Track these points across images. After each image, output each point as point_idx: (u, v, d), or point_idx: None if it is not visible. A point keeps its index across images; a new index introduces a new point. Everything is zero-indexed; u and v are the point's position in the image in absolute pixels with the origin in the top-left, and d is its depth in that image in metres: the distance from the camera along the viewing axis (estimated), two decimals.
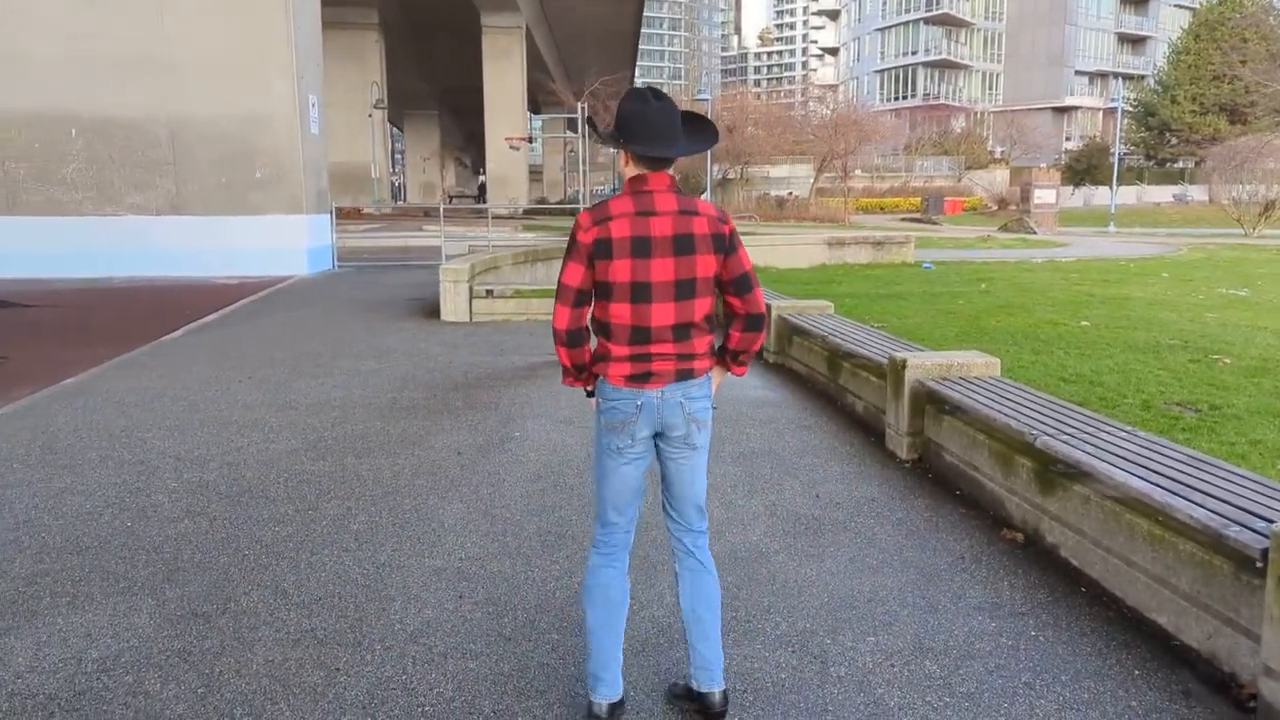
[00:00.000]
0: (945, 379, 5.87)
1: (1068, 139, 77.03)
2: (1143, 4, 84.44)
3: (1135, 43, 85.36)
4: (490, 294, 12.33)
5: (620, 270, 2.81)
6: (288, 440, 6.41)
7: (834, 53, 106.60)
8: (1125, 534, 3.82)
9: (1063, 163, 63.48)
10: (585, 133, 32.00)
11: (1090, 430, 4.56)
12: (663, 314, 2.84)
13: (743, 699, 3.17)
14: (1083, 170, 60.83)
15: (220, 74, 17.30)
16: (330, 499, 5.20)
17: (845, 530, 4.73)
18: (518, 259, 15.10)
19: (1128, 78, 78.65)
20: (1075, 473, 4.24)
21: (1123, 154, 58.09)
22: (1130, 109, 65.70)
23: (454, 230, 22.50)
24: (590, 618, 2.98)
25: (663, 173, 2.88)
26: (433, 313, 12.39)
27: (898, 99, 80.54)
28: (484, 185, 54.85)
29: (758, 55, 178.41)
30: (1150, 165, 67.71)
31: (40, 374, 8.58)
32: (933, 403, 5.80)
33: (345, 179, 38.69)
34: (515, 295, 12.32)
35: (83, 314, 13.15)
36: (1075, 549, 4.18)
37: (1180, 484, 3.70)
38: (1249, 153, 37.86)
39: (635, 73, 68.32)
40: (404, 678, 3.31)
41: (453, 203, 49.70)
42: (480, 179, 57.83)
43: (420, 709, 3.11)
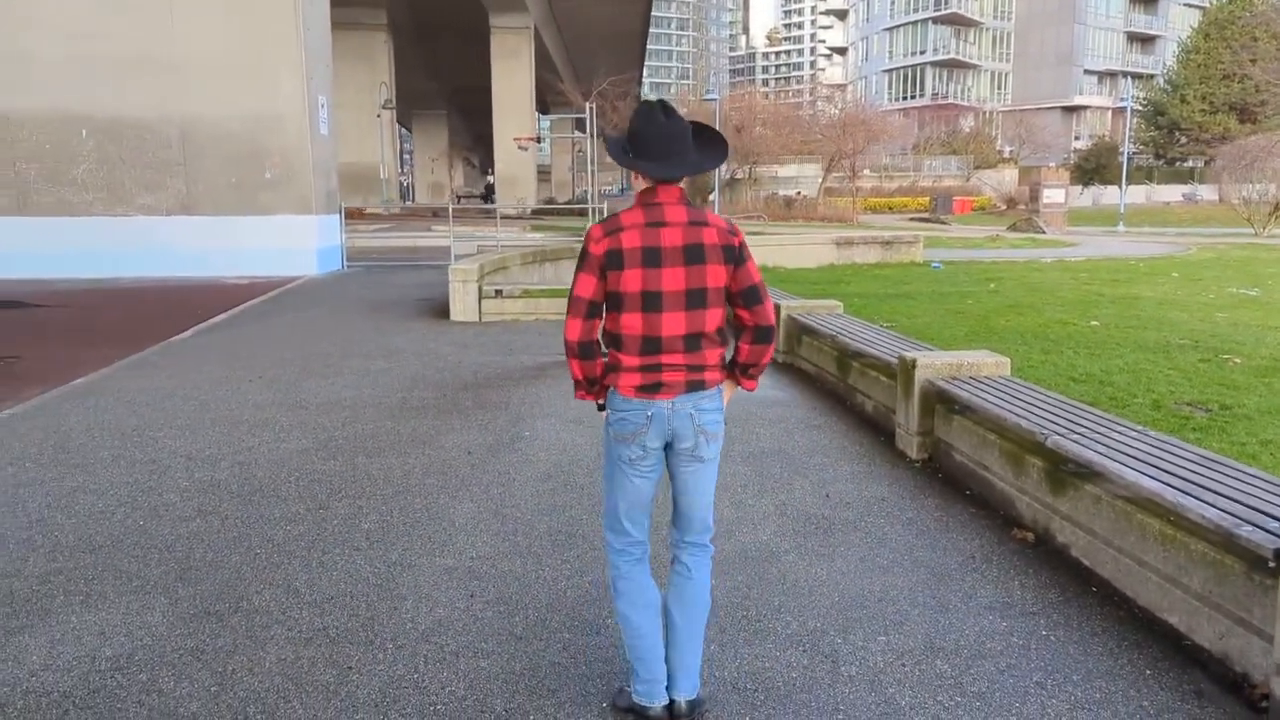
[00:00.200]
0: (955, 378, 5.86)
1: (1077, 138, 76.82)
2: (1152, 3, 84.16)
3: (1144, 42, 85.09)
4: (499, 294, 12.34)
5: (631, 280, 2.83)
6: (298, 440, 6.43)
7: (842, 52, 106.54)
8: (1137, 534, 3.82)
9: (1071, 162, 63.29)
10: (593, 132, 32.02)
11: (1101, 430, 4.55)
12: (673, 324, 2.85)
13: (753, 698, 3.17)
14: (1092, 170, 60.69)
15: (230, 75, 17.35)
16: (341, 498, 5.22)
17: (855, 530, 4.73)
18: (526, 259, 15.12)
19: (1137, 77, 78.45)
20: (1086, 472, 4.23)
21: (1132, 153, 57.94)
22: (1139, 108, 65.52)
23: (462, 230, 22.53)
24: (632, 619, 2.98)
25: (673, 186, 2.90)
26: (442, 313, 12.41)
27: (906, 98, 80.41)
28: (491, 185, 54.90)
29: (766, 55, 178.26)
30: (1160, 164, 67.53)
31: (51, 374, 8.62)
32: (943, 402, 5.80)
33: (354, 179, 38.75)
34: (524, 295, 12.34)
35: (93, 314, 13.21)
36: (1086, 549, 4.18)
37: (1192, 484, 3.69)
38: (1259, 152, 37.70)
39: (643, 73, 68.41)
40: (416, 676, 3.32)
41: (461, 203, 49.75)
42: (488, 179, 57.88)
43: (432, 707, 3.12)
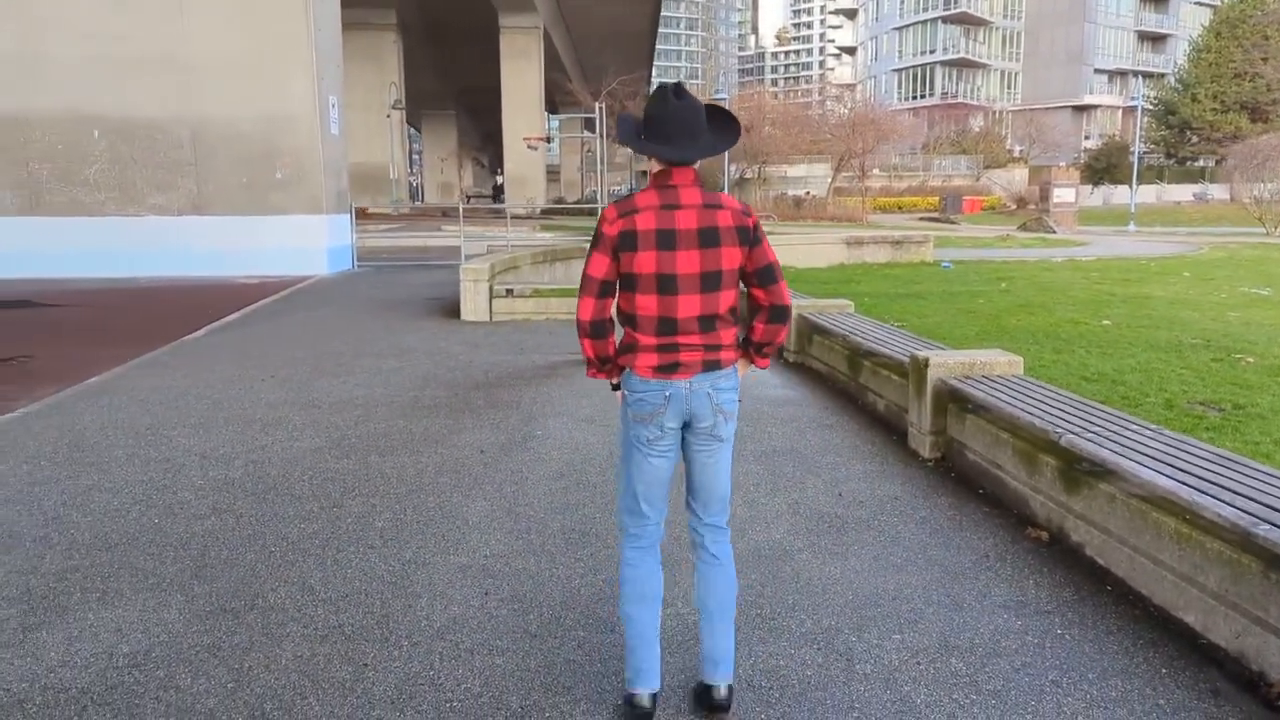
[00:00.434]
0: (968, 377, 5.86)
1: (1087, 138, 76.57)
2: (1163, 2, 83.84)
3: (1155, 41, 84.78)
4: (510, 293, 12.36)
5: (645, 262, 2.85)
6: (311, 438, 6.45)
7: (851, 52, 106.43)
8: (1152, 532, 3.81)
9: (1082, 161, 63.11)
10: (603, 132, 32.01)
11: (1115, 429, 4.55)
12: (689, 305, 2.87)
13: (769, 695, 3.18)
14: (1102, 169, 60.48)
15: (241, 75, 17.42)
16: (355, 496, 5.24)
17: (868, 528, 4.72)
18: (536, 259, 15.14)
19: (1148, 76, 78.17)
20: (1100, 471, 4.22)
21: (1143, 152, 57.67)
22: (1150, 107, 65.23)
23: (472, 230, 22.55)
24: (629, 612, 3.00)
25: (687, 167, 2.91)
26: (452, 312, 12.43)
27: (915, 98, 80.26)
28: (500, 185, 54.94)
29: (775, 55, 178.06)
30: (1170, 164, 67.21)
31: (65, 373, 8.66)
32: (955, 401, 5.79)
33: (364, 179, 38.80)
34: (534, 295, 12.35)
35: (105, 313, 13.26)
36: (1101, 547, 4.17)
37: (1207, 482, 3.69)
38: (1270, 151, 37.53)
39: (652, 72, 68.36)
40: (431, 673, 3.33)
41: (470, 203, 49.80)
42: (498, 179, 57.91)
43: (448, 704, 3.13)
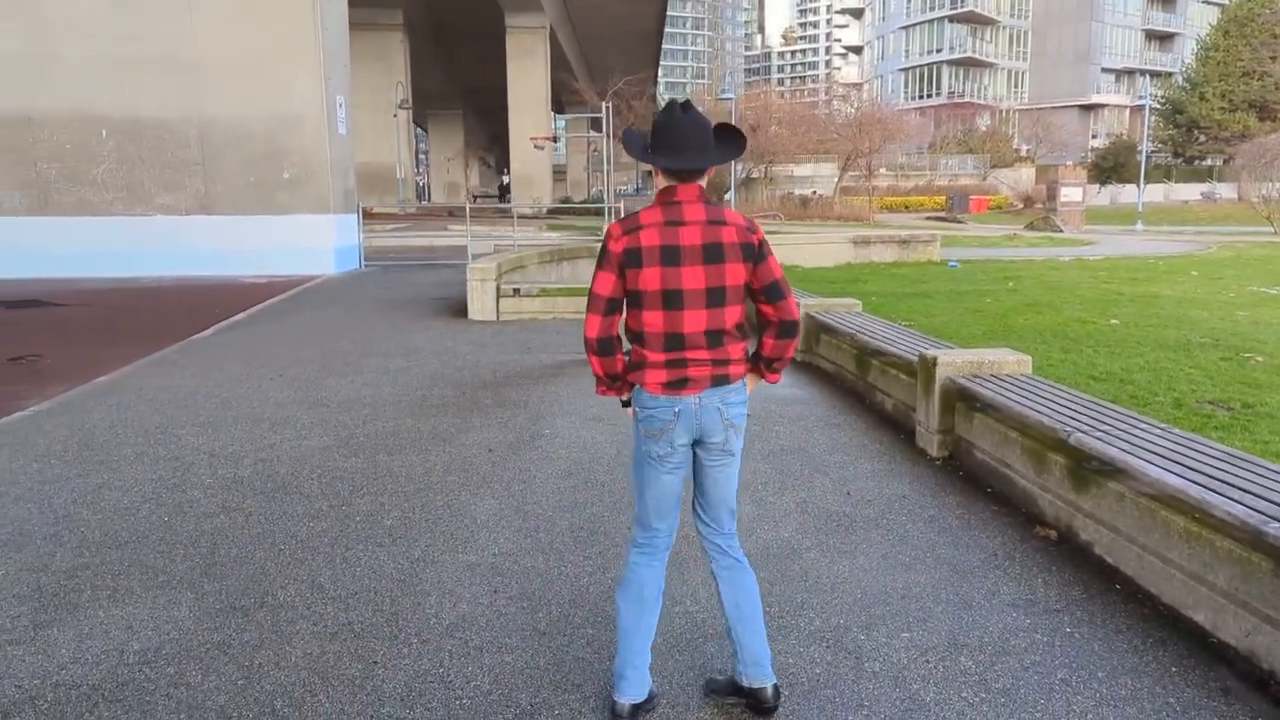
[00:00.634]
0: (976, 376, 5.85)
1: (1094, 137, 76.34)
2: (1170, 0, 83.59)
3: (1163, 39, 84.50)
4: (517, 293, 12.37)
5: (650, 279, 2.86)
6: (320, 437, 6.47)
7: (858, 51, 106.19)
8: (1161, 531, 3.80)
9: (1089, 160, 62.90)
10: (609, 132, 32.04)
11: (1124, 427, 4.54)
12: (695, 321, 2.88)
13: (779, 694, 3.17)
14: (1109, 168, 60.29)
15: (249, 75, 17.45)
16: (363, 495, 5.25)
17: (877, 527, 4.72)
18: (543, 258, 15.15)
19: (1155, 75, 77.97)
20: (1110, 469, 4.22)
21: (1150, 152, 57.56)
22: (1158, 106, 65.07)
23: (479, 230, 22.57)
24: (623, 615, 3.01)
25: (692, 184, 2.91)
26: (460, 311, 12.44)
27: (922, 97, 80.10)
28: (507, 185, 54.99)
29: (781, 54, 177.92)
30: (1178, 163, 67.04)
31: (74, 372, 8.69)
32: (964, 400, 5.78)
33: (371, 179, 38.90)
34: (541, 294, 12.36)
35: (114, 313, 13.30)
36: (1110, 546, 4.16)
37: (1217, 481, 3.68)
38: (1279, 150, 37.39)
39: (659, 72, 68.40)
40: (441, 671, 3.34)
41: (477, 202, 49.86)
42: (504, 178, 57.97)
43: (458, 701, 3.14)
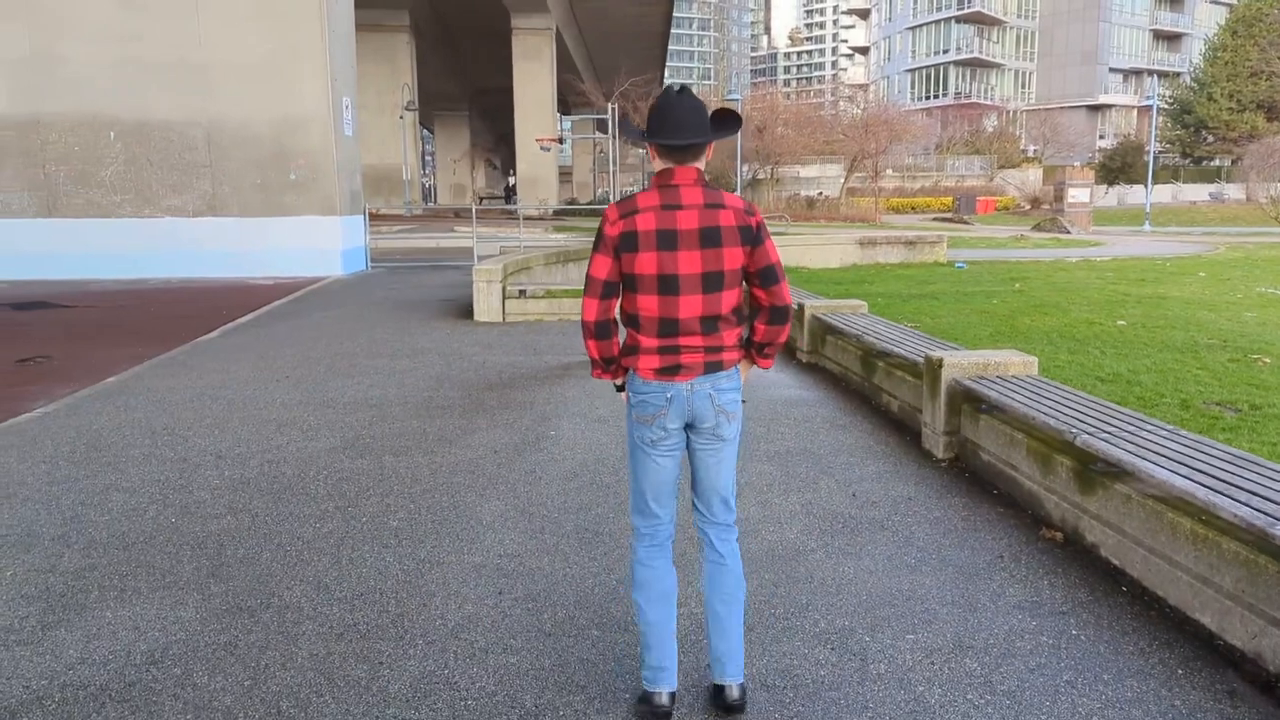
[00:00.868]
0: (982, 378, 5.84)
1: (1102, 137, 76.20)
2: (1178, 0, 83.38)
3: (1171, 40, 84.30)
4: (523, 294, 12.38)
5: (646, 263, 2.85)
6: (326, 438, 6.48)
7: (864, 52, 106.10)
8: (1167, 533, 3.79)
9: (1097, 161, 62.78)
10: (615, 133, 32.04)
11: (1131, 429, 4.53)
12: (690, 306, 2.87)
13: (783, 695, 3.18)
14: (1117, 169, 60.14)
15: (256, 77, 17.50)
16: (369, 496, 5.26)
17: (882, 529, 4.72)
18: (549, 259, 15.16)
19: (1163, 75, 77.75)
20: (1116, 471, 4.21)
21: (1158, 152, 57.39)
22: (1166, 106, 64.88)
23: (485, 231, 22.61)
24: (646, 611, 3.00)
25: (689, 167, 2.91)
26: (466, 313, 12.46)
27: (929, 98, 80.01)
28: (512, 186, 55.04)
29: (787, 55, 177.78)
30: (1186, 164, 66.82)
31: (82, 373, 8.72)
32: (970, 401, 5.78)
33: (377, 181, 38.96)
34: (547, 295, 12.37)
35: (121, 314, 13.34)
36: (1116, 548, 4.15)
37: (1224, 483, 3.67)
38: None
39: (665, 73, 68.32)
40: (446, 672, 3.34)
41: (483, 204, 49.93)
42: (510, 180, 58.01)
43: (463, 702, 3.14)
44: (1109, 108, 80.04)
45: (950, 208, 53.48)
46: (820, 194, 54.07)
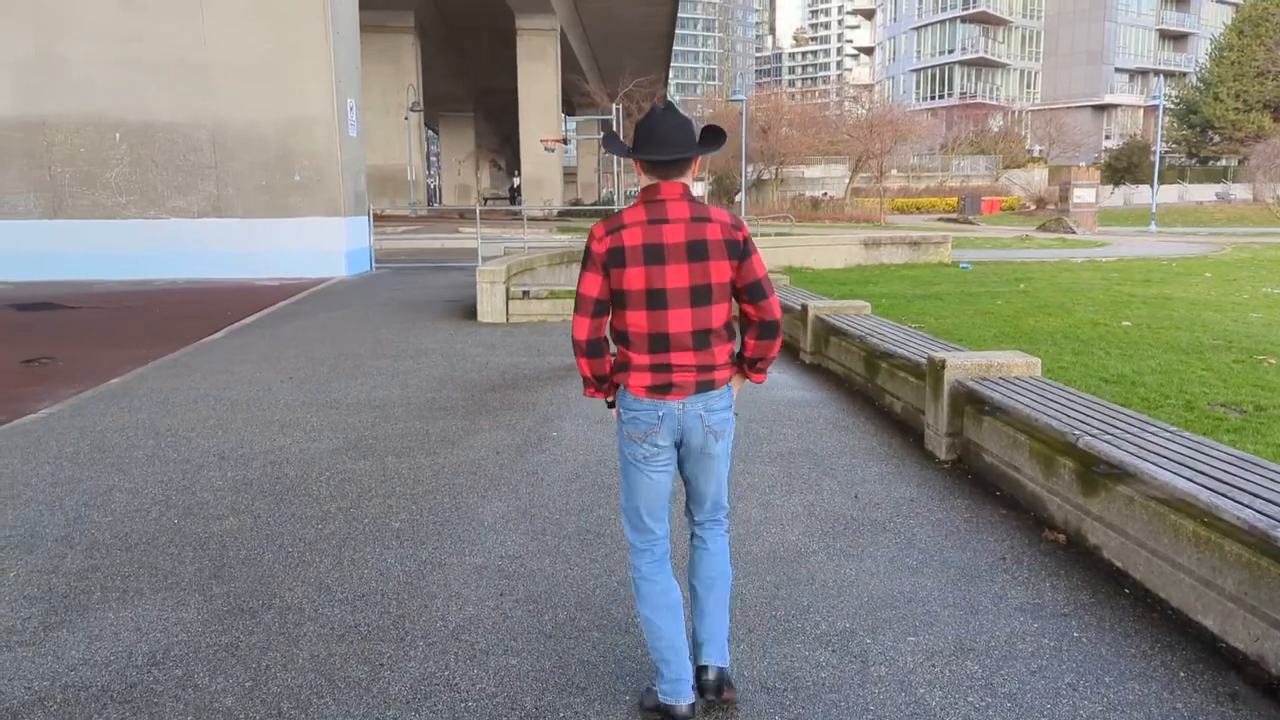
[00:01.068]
0: (985, 379, 5.83)
1: (1107, 137, 76.03)
2: (1184, 0, 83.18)
3: (1177, 39, 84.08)
4: (526, 295, 12.39)
5: (634, 278, 2.85)
6: (329, 439, 6.49)
7: (869, 52, 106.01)
8: (1170, 535, 3.78)
9: (1102, 161, 62.65)
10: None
11: (1134, 431, 4.52)
12: (680, 320, 2.87)
13: (783, 698, 3.17)
14: (1123, 169, 60.03)
15: (260, 78, 17.54)
16: (371, 497, 5.27)
17: (884, 530, 4.71)
18: (553, 260, 15.17)
19: (1169, 75, 77.50)
20: (1119, 473, 4.20)
21: (1164, 152, 57.27)
22: (1172, 106, 64.72)
23: (489, 232, 22.64)
24: (657, 625, 2.99)
25: (675, 182, 2.91)
26: (469, 314, 12.47)
27: (934, 98, 79.91)
28: (517, 187, 55.08)
29: (792, 55, 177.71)
30: (1192, 164, 66.68)
31: (86, 374, 8.74)
32: (972, 403, 5.77)
33: (382, 181, 39.03)
34: (551, 296, 12.38)
35: (126, 315, 13.37)
36: (1119, 550, 4.14)
37: (1227, 485, 3.66)
38: None
39: (669, 74, 68.37)
40: (447, 673, 3.34)
41: (488, 205, 49.97)
42: (515, 181, 58.06)
43: (463, 704, 3.15)
44: (1115, 108, 79.85)
45: (955, 208, 53.40)
46: (825, 194, 54.07)
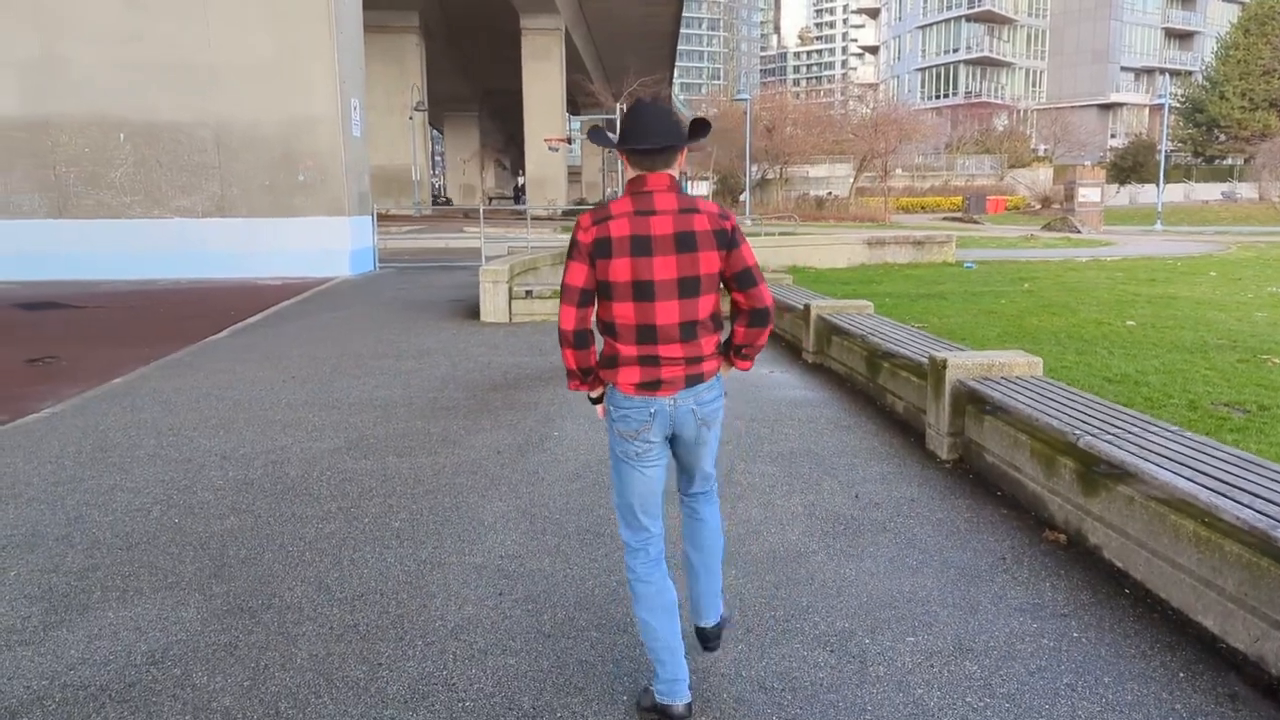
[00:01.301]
0: (987, 379, 5.82)
1: (1113, 136, 75.87)
2: None
3: (1183, 38, 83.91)
4: (529, 295, 12.40)
5: (620, 269, 2.84)
6: (330, 439, 6.49)
7: (874, 51, 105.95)
8: (1170, 535, 3.77)
9: (1108, 160, 62.55)
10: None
11: (1135, 430, 4.50)
12: (667, 312, 2.86)
13: (781, 698, 3.17)
14: (1128, 168, 59.90)
15: (264, 78, 17.57)
16: (372, 497, 5.27)
17: (885, 530, 4.70)
18: (556, 260, 15.15)
19: (1175, 73, 77.40)
20: (1119, 473, 4.19)
21: (1169, 151, 57.13)
22: (1177, 105, 64.56)
23: (493, 231, 22.66)
24: (653, 625, 2.99)
25: (662, 173, 2.89)
26: (472, 313, 12.48)
27: (939, 97, 79.83)
28: (521, 186, 55.13)
29: (797, 55, 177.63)
30: (1198, 163, 66.50)
31: (90, 374, 8.76)
32: (974, 403, 5.76)
33: (386, 181, 39.06)
34: (554, 296, 12.36)
35: (130, 315, 13.40)
36: (1119, 550, 4.13)
37: (1228, 485, 3.64)
38: None
39: (674, 73, 68.32)
40: (445, 673, 3.34)
41: (492, 204, 49.98)
42: (519, 180, 58.09)
43: (461, 704, 3.14)
44: (1120, 106, 79.71)
45: (960, 207, 53.33)
46: (829, 194, 54.05)
